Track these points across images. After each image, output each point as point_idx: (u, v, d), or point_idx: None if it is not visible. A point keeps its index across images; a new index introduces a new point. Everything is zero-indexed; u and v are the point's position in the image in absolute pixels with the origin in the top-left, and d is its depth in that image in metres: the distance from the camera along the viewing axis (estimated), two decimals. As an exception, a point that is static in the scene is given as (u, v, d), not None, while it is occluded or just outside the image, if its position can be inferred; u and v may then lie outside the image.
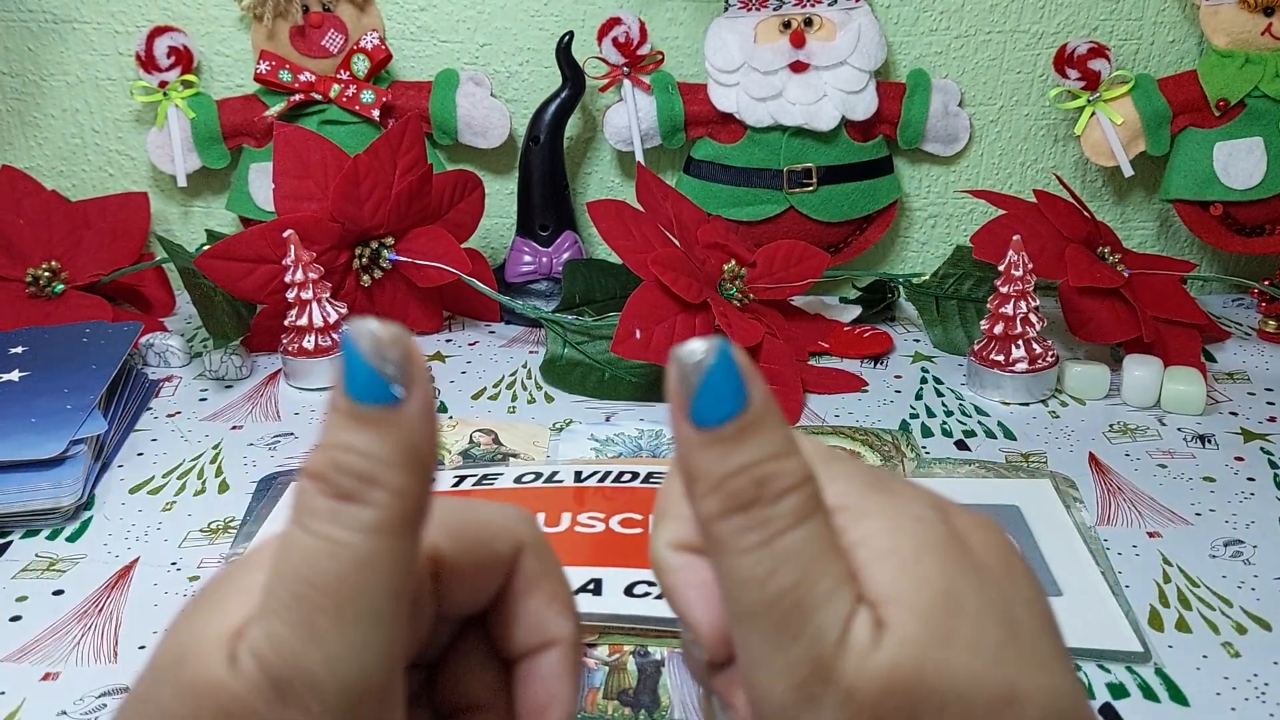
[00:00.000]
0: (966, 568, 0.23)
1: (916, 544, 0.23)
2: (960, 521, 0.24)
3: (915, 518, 0.24)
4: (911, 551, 0.23)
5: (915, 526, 0.23)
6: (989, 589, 0.23)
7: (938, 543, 0.23)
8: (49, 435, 0.60)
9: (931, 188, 0.93)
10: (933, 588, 0.23)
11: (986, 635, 0.23)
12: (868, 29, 0.85)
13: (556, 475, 0.60)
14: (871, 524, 0.23)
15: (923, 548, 0.23)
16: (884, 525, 0.23)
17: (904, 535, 0.23)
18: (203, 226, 0.94)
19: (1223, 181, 0.84)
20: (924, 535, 0.23)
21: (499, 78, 0.91)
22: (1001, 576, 0.24)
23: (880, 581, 0.23)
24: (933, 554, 0.23)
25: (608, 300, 0.81)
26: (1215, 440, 0.66)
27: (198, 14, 0.89)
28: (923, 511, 0.24)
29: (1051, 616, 0.24)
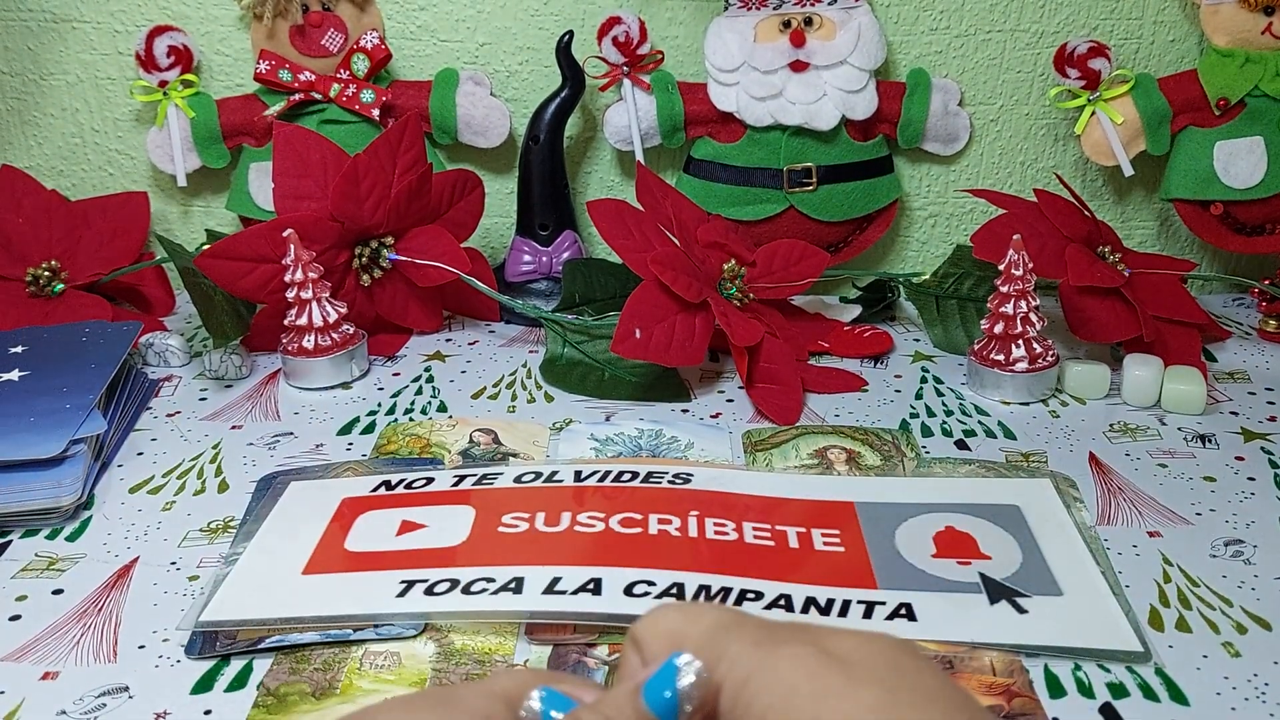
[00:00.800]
0: (839, 689, 0.26)
1: (791, 687, 0.26)
2: (843, 645, 0.28)
3: (792, 662, 0.27)
4: (787, 698, 0.26)
5: (791, 671, 0.27)
6: (864, 696, 0.26)
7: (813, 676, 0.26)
8: (48, 435, 0.60)
9: (931, 187, 0.93)
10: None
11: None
12: (868, 28, 0.85)
13: (556, 475, 0.60)
14: (755, 684, 0.27)
15: (797, 689, 0.26)
16: (765, 681, 0.27)
17: (781, 684, 0.26)
18: (203, 226, 0.94)
19: (1223, 181, 0.84)
20: (800, 676, 0.26)
21: (499, 77, 0.91)
22: (883, 679, 0.26)
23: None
24: (806, 691, 0.26)
25: (608, 300, 0.81)
26: (1215, 440, 0.66)
27: (197, 13, 0.89)
28: (800, 651, 0.27)
29: (949, 694, 0.27)
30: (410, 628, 0.49)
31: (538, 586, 0.50)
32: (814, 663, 0.27)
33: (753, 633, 0.28)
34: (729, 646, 0.28)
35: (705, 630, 0.28)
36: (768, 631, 0.28)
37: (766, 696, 0.26)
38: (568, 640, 0.48)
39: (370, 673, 0.47)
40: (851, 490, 0.59)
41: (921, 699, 0.26)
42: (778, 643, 0.28)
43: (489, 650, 0.48)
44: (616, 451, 0.65)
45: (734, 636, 0.28)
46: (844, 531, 0.55)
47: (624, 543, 0.53)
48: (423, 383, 0.76)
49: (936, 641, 0.47)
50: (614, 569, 0.51)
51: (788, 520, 0.56)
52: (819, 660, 0.27)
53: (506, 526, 0.55)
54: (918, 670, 0.27)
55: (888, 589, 0.50)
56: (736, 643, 0.28)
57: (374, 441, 0.67)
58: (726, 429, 0.68)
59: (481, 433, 0.68)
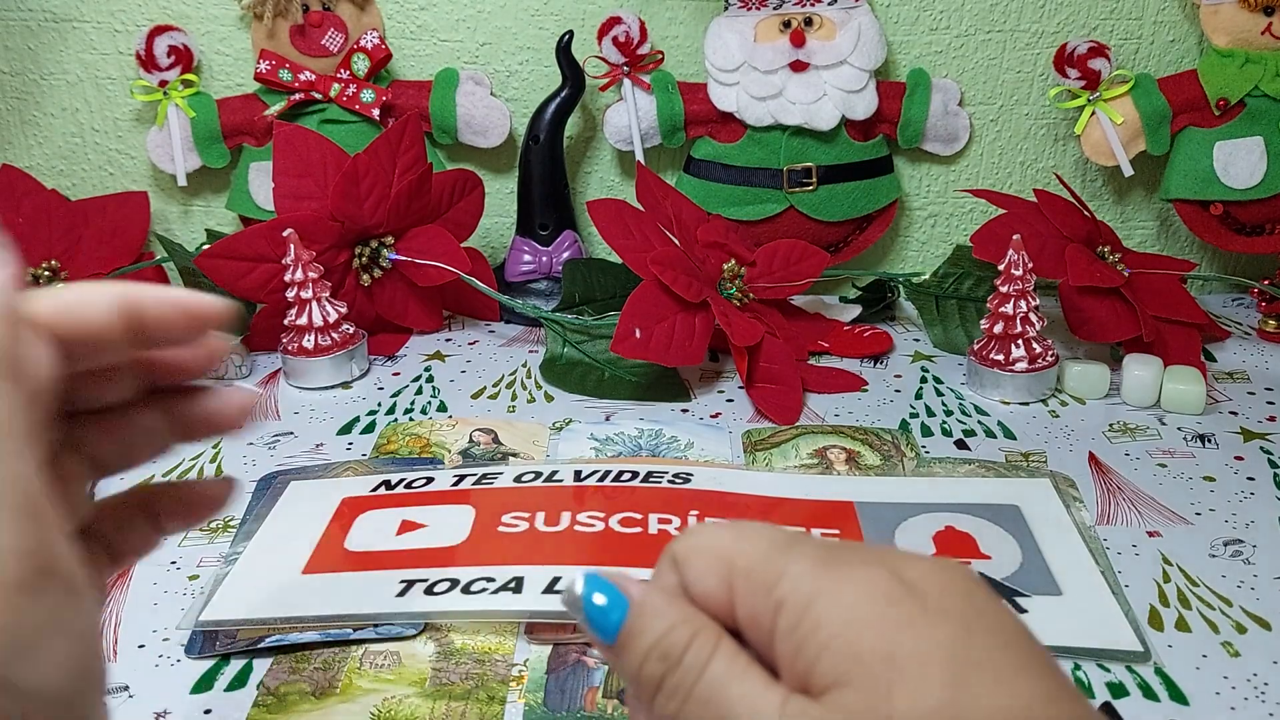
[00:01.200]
0: (913, 621, 0.24)
1: (861, 616, 0.25)
2: (914, 571, 0.26)
3: (862, 587, 0.25)
4: (855, 627, 0.25)
5: (861, 598, 0.25)
6: (939, 633, 0.24)
7: (884, 604, 0.25)
8: (49, 434, 0.60)
9: (931, 187, 0.93)
10: (875, 656, 0.24)
11: (930, 684, 0.24)
12: (868, 28, 0.85)
13: (556, 474, 0.60)
14: (819, 608, 0.25)
15: (866, 619, 0.25)
16: (830, 606, 0.25)
17: (849, 611, 0.25)
18: (203, 226, 0.94)
19: (1223, 181, 0.84)
20: (869, 605, 0.25)
21: (499, 77, 0.91)
22: (960, 615, 0.25)
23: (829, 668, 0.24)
24: (876, 621, 0.25)
25: (607, 299, 0.81)
26: (1215, 440, 0.66)
27: (198, 13, 0.89)
28: (871, 574, 0.25)
29: (1024, 640, 0.25)
30: (410, 627, 0.49)
31: (538, 586, 0.50)
32: (885, 587, 0.25)
33: (814, 552, 0.26)
34: (789, 566, 0.26)
35: (761, 550, 0.27)
36: (830, 551, 0.27)
37: (832, 625, 0.25)
38: (568, 640, 0.48)
39: (370, 672, 0.47)
40: (851, 490, 0.59)
41: (998, 642, 0.25)
42: (844, 564, 0.26)
43: (489, 650, 0.48)
44: (616, 451, 0.65)
45: (794, 556, 0.26)
46: (844, 531, 0.55)
47: (624, 542, 0.53)
48: (423, 382, 0.76)
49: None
50: (614, 569, 0.51)
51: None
52: (891, 585, 0.25)
53: (506, 526, 0.55)
54: (995, 610, 0.25)
55: (887, 589, 0.50)
56: (798, 562, 0.26)
57: (374, 441, 0.67)
58: (726, 429, 0.68)
59: (481, 432, 0.68)
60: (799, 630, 0.25)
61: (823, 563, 0.26)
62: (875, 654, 0.24)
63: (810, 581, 0.26)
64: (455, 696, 0.45)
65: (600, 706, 0.45)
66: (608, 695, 0.45)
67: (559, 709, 0.45)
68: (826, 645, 0.25)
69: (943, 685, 0.24)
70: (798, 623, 0.25)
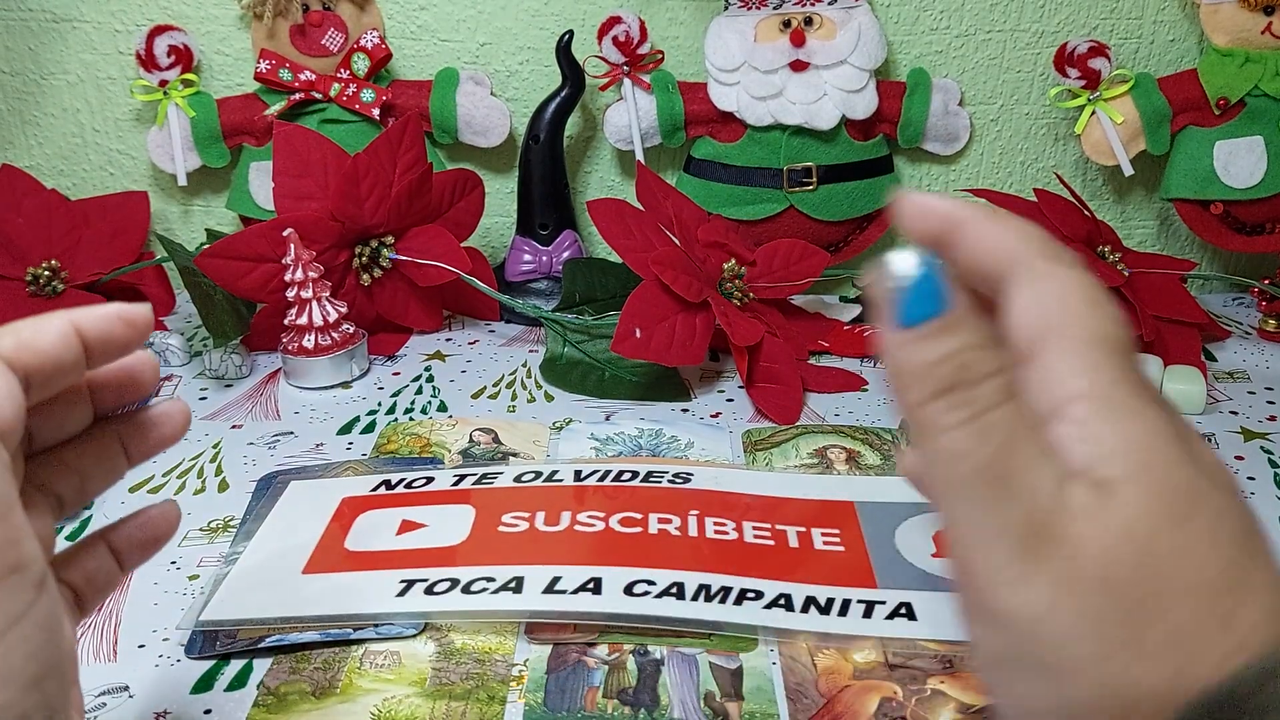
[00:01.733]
0: (1210, 478, 0.25)
1: (1166, 445, 0.25)
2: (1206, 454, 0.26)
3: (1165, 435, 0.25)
4: (1160, 451, 0.25)
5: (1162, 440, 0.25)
6: (1234, 505, 0.25)
7: (1187, 454, 0.25)
8: (49, 434, 0.60)
9: (932, 187, 0.93)
10: (1177, 480, 0.24)
11: (1224, 532, 0.24)
12: (868, 28, 0.85)
13: (556, 474, 0.60)
14: (1118, 423, 0.25)
15: (1172, 456, 0.25)
16: (1130, 428, 0.25)
17: (1156, 437, 0.25)
18: (203, 225, 0.94)
19: (1223, 180, 0.84)
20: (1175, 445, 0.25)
21: (499, 77, 0.91)
22: (1237, 497, 0.25)
23: (1127, 464, 0.24)
24: (1180, 460, 0.25)
25: (608, 299, 0.81)
26: (1215, 439, 0.66)
27: (198, 13, 0.89)
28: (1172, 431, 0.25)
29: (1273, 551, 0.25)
30: (410, 627, 0.49)
31: (538, 586, 0.50)
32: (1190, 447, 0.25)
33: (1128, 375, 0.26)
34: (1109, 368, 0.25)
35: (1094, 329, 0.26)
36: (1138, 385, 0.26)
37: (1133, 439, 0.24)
38: (568, 640, 0.48)
39: (370, 672, 0.47)
40: (851, 490, 0.59)
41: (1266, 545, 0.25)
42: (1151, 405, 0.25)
43: (489, 650, 0.48)
44: (616, 451, 0.65)
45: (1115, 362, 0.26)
46: (844, 531, 0.55)
47: (624, 542, 0.53)
48: (423, 382, 0.76)
49: (936, 641, 0.47)
50: (614, 568, 0.51)
51: (788, 520, 0.56)
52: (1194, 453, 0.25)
53: (506, 526, 0.55)
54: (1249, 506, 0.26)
55: (887, 588, 0.50)
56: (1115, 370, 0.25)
57: (374, 441, 0.67)
58: (726, 428, 0.68)
59: (481, 432, 0.68)
60: (1090, 427, 0.25)
61: (1136, 391, 0.25)
62: (1174, 482, 0.24)
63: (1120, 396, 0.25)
64: (455, 696, 0.45)
65: (601, 706, 0.45)
66: (608, 695, 0.45)
67: (559, 709, 0.45)
68: (1124, 452, 0.24)
69: (1233, 543, 0.24)
70: (1091, 419, 0.25)
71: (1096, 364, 0.25)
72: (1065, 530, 0.24)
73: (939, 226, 0.28)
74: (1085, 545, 0.24)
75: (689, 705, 0.45)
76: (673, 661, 0.47)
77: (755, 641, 0.48)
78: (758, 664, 0.47)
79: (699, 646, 0.48)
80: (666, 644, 0.48)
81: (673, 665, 0.47)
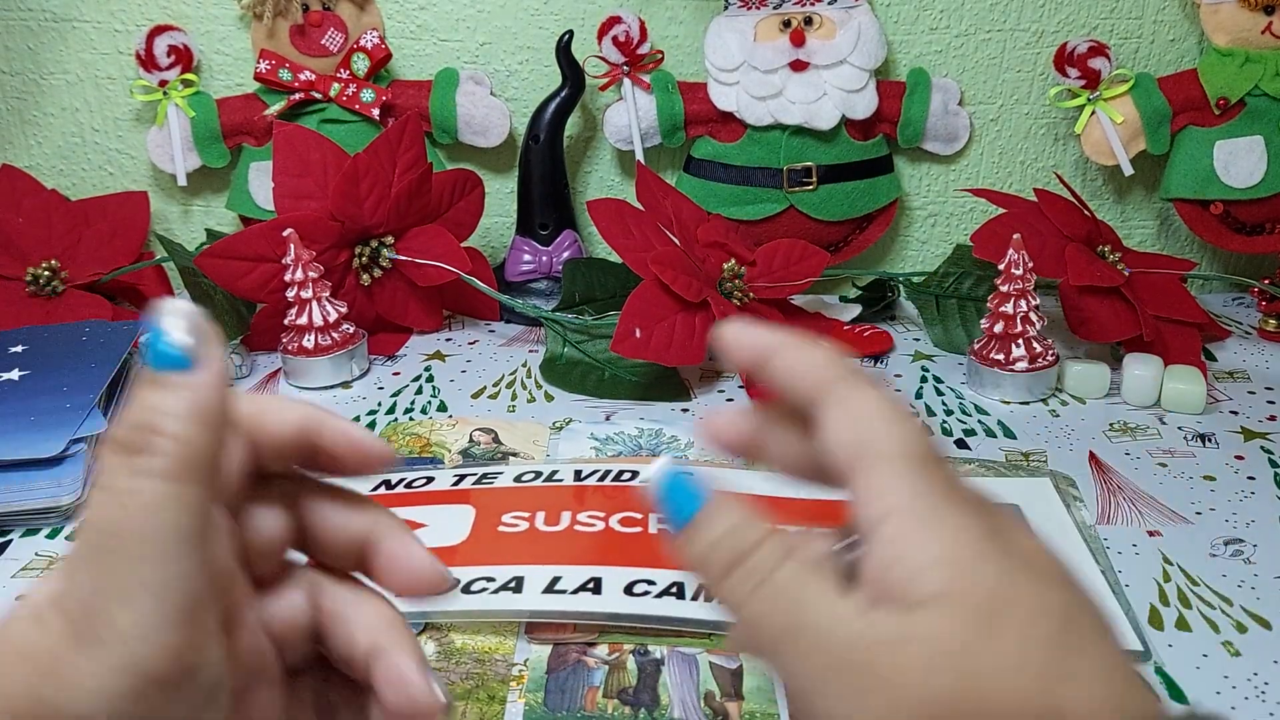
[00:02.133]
0: (1028, 577, 0.25)
1: (971, 554, 0.25)
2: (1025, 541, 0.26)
3: (974, 535, 0.25)
4: (967, 561, 0.25)
5: (971, 540, 0.25)
6: (1051, 595, 0.25)
7: (1000, 550, 0.25)
8: (49, 434, 0.60)
9: (931, 186, 0.93)
10: (985, 588, 0.24)
11: (1039, 633, 0.24)
12: (868, 28, 0.85)
13: (556, 474, 0.60)
14: (926, 535, 0.25)
15: (979, 557, 0.25)
16: (937, 539, 0.25)
17: (960, 547, 0.25)
18: (202, 225, 0.94)
19: (1223, 180, 0.84)
20: (982, 545, 0.25)
21: (499, 76, 0.91)
22: (1069, 588, 0.25)
23: (933, 583, 0.24)
24: (991, 561, 0.25)
25: (607, 299, 0.81)
26: (1215, 439, 0.66)
27: (197, 13, 0.89)
28: (982, 529, 0.26)
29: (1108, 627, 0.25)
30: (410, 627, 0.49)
31: (538, 586, 0.50)
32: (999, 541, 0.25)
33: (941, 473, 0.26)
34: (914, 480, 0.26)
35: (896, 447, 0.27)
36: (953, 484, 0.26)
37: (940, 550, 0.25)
38: (568, 639, 0.48)
39: (370, 672, 0.47)
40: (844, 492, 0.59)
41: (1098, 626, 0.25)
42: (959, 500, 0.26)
43: (489, 649, 0.48)
44: (616, 451, 0.65)
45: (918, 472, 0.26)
46: (844, 531, 0.55)
47: (624, 542, 0.53)
48: (423, 382, 0.76)
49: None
50: (614, 568, 0.51)
51: (788, 519, 0.56)
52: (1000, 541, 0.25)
53: (506, 526, 0.55)
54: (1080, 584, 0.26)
55: (888, 588, 0.50)
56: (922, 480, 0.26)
57: (374, 441, 0.67)
58: (726, 428, 0.68)
59: (481, 432, 0.68)
60: (900, 544, 0.25)
61: (944, 495, 0.26)
62: (982, 590, 0.24)
63: (927, 505, 0.26)
64: (455, 696, 0.45)
65: (600, 706, 0.45)
66: (608, 695, 0.45)
67: (559, 709, 0.45)
68: (929, 568, 0.25)
69: (1049, 640, 0.24)
70: (900, 537, 0.25)
71: (902, 479, 0.26)
72: (881, 663, 0.24)
73: (752, 357, 0.31)
74: (901, 676, 0.24)
75: (689, 705, 0.45)
76: (673, 661, 0.47)
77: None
78: (758, 664, 0.47)
79: (699, 646, 0.48)
80: (666, 644, 0.48)
81: (673, 665, 0.47)
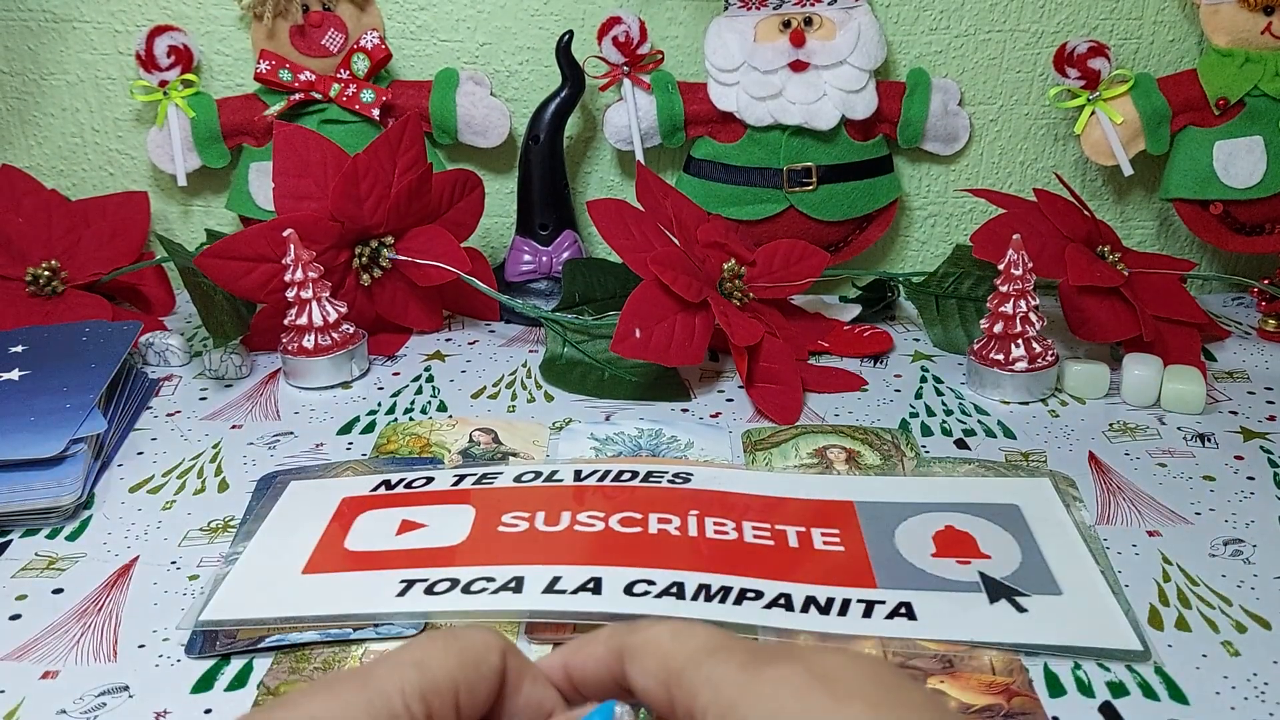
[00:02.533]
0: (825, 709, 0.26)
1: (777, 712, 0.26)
2: (828, 664, 0.28)
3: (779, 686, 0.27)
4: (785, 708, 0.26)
5: (778, 696, 0.27)
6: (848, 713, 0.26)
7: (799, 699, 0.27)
8: (48, 434, 0.60)
9: (931, 187, 0.93)
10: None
11: None
12: (867, 28, 0.85)
13: (556, 474, 0.60)
14: (740, 711, 0.27)
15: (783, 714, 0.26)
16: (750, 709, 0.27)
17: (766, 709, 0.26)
18: (202, 225, 0.94)
19: (1223, 180, 0.84)
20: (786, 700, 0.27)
21: (499, 77, 0.91)
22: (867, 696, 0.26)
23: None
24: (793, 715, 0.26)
25: (607, 299, 0.81)
26: (1215, 439, 0.66)
27: (197, 13, 0.89)
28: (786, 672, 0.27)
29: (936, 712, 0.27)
30: (410, 627, 0.49)
31: (538, 586, 0.50)
32: (800, 682, 0.27)
33: (740, 655, 0.28)
34: (714, 670, 0.28)
35: (691, 652, 0.29)
36: (754, 654, 0.28)
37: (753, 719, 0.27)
38: (568, 640, 0.48)
39: (370, 672, 0.47)
40: (851, 489, 0.59)
41: (908, 714, 0.26)
42: (763, 664, 0.28)
43: (489, 649, 0.48)
44: (616, 451, 0.65)
45: (720, 660, 0.28)
46: (844, 531, 0.55)
47: (624, 542, 0.53)
48: (423, 382, 0.76)
49: (936, 640, 0.47)
50: (614, 568, 0.51)
51: (788, 520, 0.56)
52: (805, 680, 0.27)
53: (506, 526, 0.55)
54: (902, 686, 0.27)
55: (887, 588, 0.50)
56: (722, 665, 0.28)
57: (374, 441, 0.67)
58: (726, 428, 0.68)
59: (481, 432, 0.68)
60: None
61: (743, 666, 0.28)
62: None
63: (731, 685, 0.27)
64: (455, 696, 0.45)
65: (600, 706, 0.45)
66: (608, 695, 0.45)
67: (559, 709, 0.45)
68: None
69: None
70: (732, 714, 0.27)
71: (699, 679, 0.28)
72: None
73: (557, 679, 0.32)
74: None
75: (689, 705, 0.45)
76: (673, 661, 0.47)
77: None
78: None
79: (699, 646, 0.48)
80: (666, 644, 0.48)
81: (673, 665, 0.47)
